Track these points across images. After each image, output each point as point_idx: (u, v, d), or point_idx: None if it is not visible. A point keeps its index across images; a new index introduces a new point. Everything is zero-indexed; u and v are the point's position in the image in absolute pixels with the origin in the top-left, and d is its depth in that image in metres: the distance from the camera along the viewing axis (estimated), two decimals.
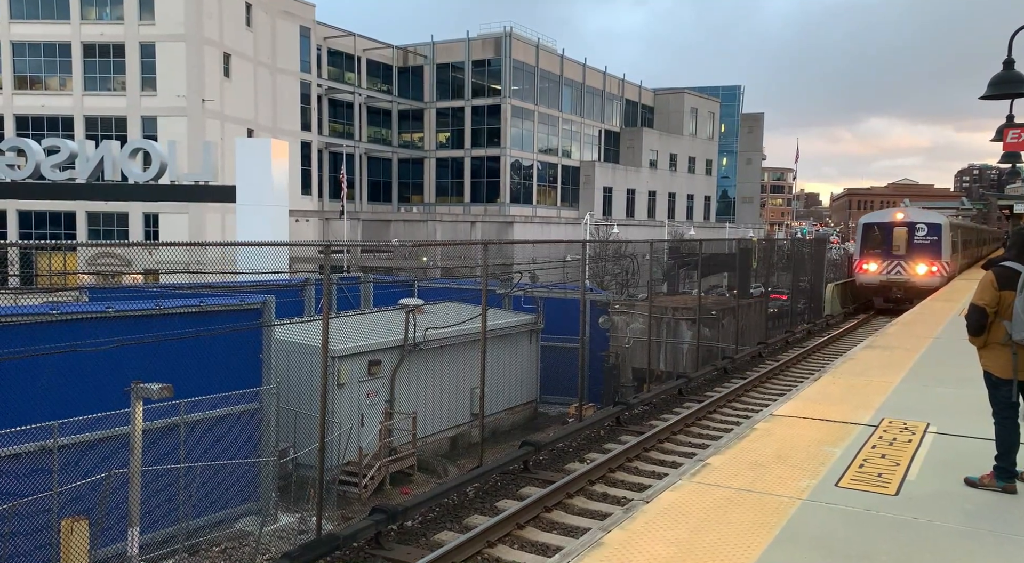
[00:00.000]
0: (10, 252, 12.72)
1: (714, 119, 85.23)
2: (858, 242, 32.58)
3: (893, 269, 30.37)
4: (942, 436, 8.18)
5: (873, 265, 31.02)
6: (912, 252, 29.98)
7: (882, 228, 31.14)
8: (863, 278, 31.76)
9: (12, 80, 45.73)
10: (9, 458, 9.88)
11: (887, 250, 30.58)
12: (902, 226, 30.49)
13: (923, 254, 29.73)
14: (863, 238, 31.90)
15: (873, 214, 34.56)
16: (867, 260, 31.23)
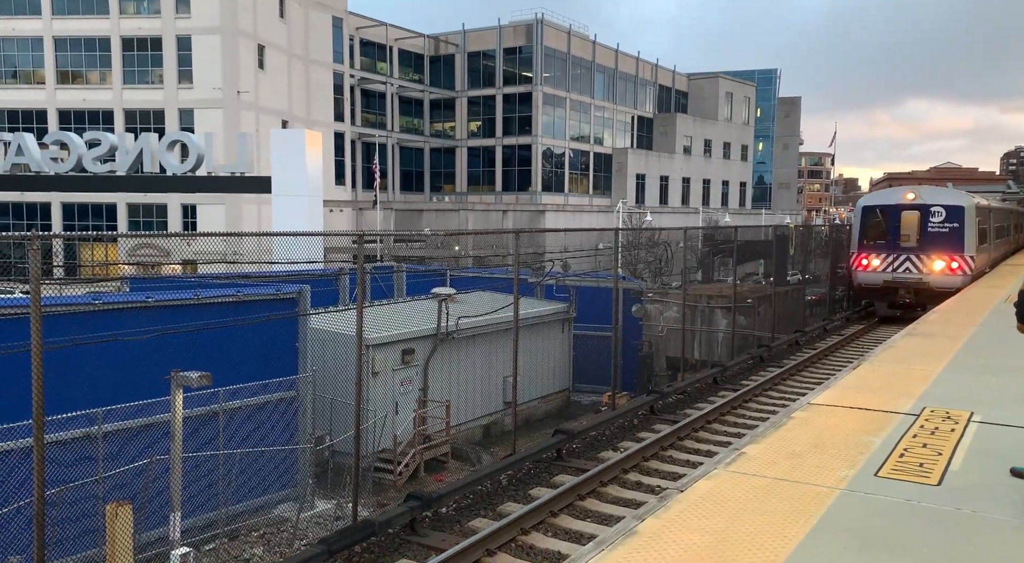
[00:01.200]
0: (54, 243, 12.99)
1: (749, 104, 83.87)
2: (856, 230, 25.64)
3: (901, 265, 24.05)
4: (987, 425, 7.98)
5: (875, 260, 24.62)
6: (926, 243, 23.73)
7: (887, 212, 24.59)
8: (862, 277, 25.09)
9: (55, 75, 46.75)
10: (57, 444, 10.16)
11: (893, 241, 24.25)
12: (912, 209, 23.99)
13: (940, 246, 23.38)
14: (863, 225, 25.23)
15: (875, 194, 28.01)
16: (867, 254, 24.88)
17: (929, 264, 23.76)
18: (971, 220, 23.75)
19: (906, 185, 31.96)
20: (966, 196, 24.85)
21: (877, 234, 24.89)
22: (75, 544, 10.49)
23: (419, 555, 9.88)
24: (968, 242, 23.54)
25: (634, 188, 67.02)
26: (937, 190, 26.19)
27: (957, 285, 22.94)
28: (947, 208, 23.70)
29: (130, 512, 8.46)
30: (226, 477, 12.53)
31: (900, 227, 24.22)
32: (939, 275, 23.53)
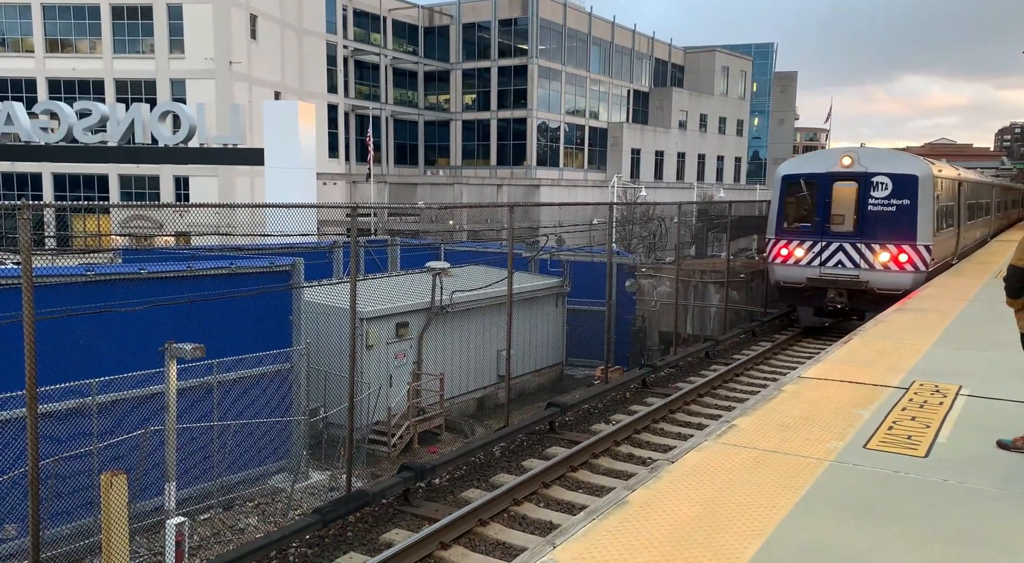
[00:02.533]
0: (46, 214, 12.95)
1: (746, 78, 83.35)
2: (774, 208, 19.73)
3: (831, 257, 18.44)
4: (975, 399, 8.07)
5: (798, 250, 18.84)
6: (866, 227, 18.06)
7: (814, 184, 18.81)
8: (781, 272, 19.30)
9: (44, 43, 46.06)
10: (51, 415, 10.18)
11: (822, 223, 18.55)
12: (848, 180, 18.25)
13: (885, 231, 17.86)
14: (782, 202, 19.40)
15: (800, 159, 21.34)
16: (787, 241, 19.08)
17: (869, 256, 18.01)
18: (928, 195, 17.75)
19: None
20: (921, 163, 18.49)
21: (801, 214, 18.98)
22: (71, 514, 10.56)
23: (413, 525, 9.99)
24: (923, 225, 17.64)
25: (629, 163, 66.78)
26: (882, 153, 19.44)
27: (907, 285, 17.37)
28: (895, 179, 17.75)
29: (125, 482, 8.51)
30: (221, 448, 12.59)
31: (831, 204, 18.38)
32: (883, 272, 17.83)
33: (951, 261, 21.29)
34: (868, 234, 18.09)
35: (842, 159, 18.48)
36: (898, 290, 17.34)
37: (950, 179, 20.99)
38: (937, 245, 18.54)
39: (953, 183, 21.41)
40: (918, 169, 18.10)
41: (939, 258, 19.16)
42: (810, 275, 18.84)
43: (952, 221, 21.18)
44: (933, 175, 18.12)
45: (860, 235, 18.18)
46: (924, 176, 17.90)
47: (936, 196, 18.26)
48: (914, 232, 17.73)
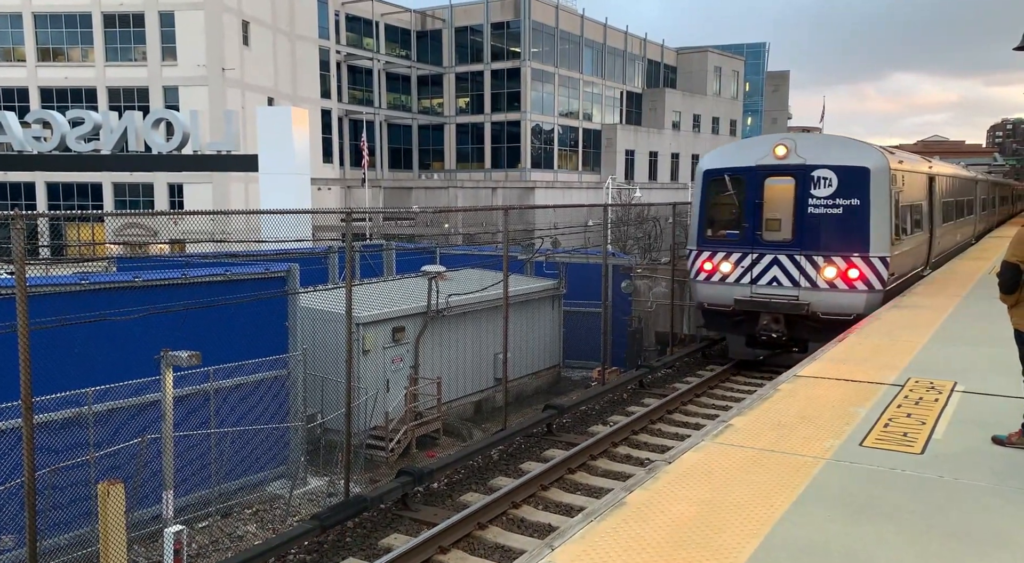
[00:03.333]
0: (40, 223, 12.93)
1: (738, 78, 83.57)
2: (695, 212, 16.42)
3: (763, 273, 15.14)
4: (969, 395, 8.09)
5: (724, 264, 15.55)
6: (806, 234, 14.77)
7: (742, 181, 15.39)
8: (704, 291, 16.00)
9: (36, 52, 45.98)
10: (47, 425, 10.15)
11: (752, 231, 15.23)
12: (783, 175, 14.95)
13: (831, 238, 14.61)
14: (705, 203, 16.05)
15: (726, 149, 16.63)
16: (711, 253, 15.79)
17: (811, 271, 14.63)
18: (883, 193, 14.34)
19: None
20: (873, 152, 14.82)
21: (727, 219, 15.63)
22: (68, 524, 10.53)
23: (411, 529, 9.98)
24: (878, 231, 14.30)
25: (623, 164, 66.88)
26: (826, 141, 15.95)
27: (858, 308, 14.22)
28: (841, 172, 14.42)
29: (122, 491, 8.49)
30: (219, 456, 12.57)
31: (763, 206, 15.06)
32: (828, 291, 14.51)
33: (922, 271, 18.01)
34: (809, 243, 14.61)
35: (775, 148, 14.78)
36: (847, 315, 13.96)
37: (917, 173, 17.32)
38: (899, 256, 15.05)
39: (921, 178, 17.81)
40: (870, 160, 14.45)
41: (902, 271, 15.71)
42: (739, 296, 15.17)
43: (922, 224, 17.67)
44: (890, 168, 14.49)
45: (799, 245, 14.70)
46: (877, 169, 14.29)
47: (895, 194, 14.79)
48: (866, 240, 14.22)
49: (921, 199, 17.74)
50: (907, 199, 16.17)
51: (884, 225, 14.40)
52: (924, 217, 18.06)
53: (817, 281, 14.66)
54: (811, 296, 14.70)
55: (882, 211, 14.38)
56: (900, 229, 15.41)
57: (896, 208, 14.98)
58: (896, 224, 14.99)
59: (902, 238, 15.52)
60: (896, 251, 14.88)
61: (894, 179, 14.89)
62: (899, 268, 15.36)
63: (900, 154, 17.23)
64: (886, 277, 14.42)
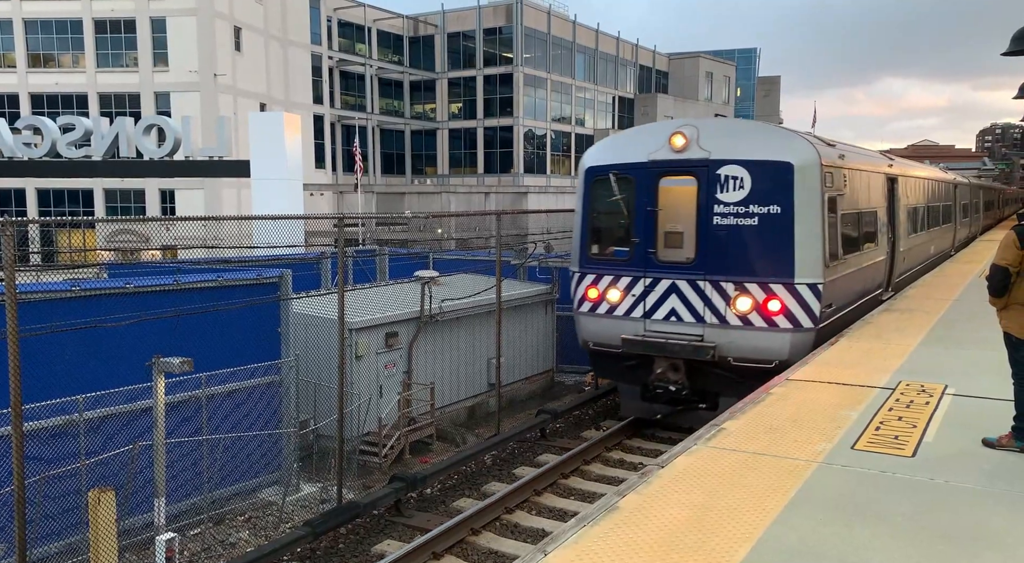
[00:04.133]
0: (30, 230, 12.85)
1: (730, 83, 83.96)
2: (578, 221, 13.04)
3: (658, 305, 11.94)
4: (960, 398, 8.13)
5: (611, 290, 12.36)
6: (713, 253, 11.57)
7: (630, 182, 12.19)
8: (588, 326, 12.77)
9: (26, 58, 45.83)
10: (38, 432, 10.09)
11: (645, 246, 12.04)
12: (682, 173, 11.79)
13: (745, 259, 11.44)
14: (587, 210, 12.83)
15: (614, 140, 13.36)
16: (596, 274, 12.57)
17: (719, 303, 11.37)
18: (813, 197, 11.07)
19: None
20: (799, 143, 11.51)
21: (616, 232, 12.42)
22: (59, 533, 10.46)
23: (404, 535, 9.96)
24: (806, 249, 11.03)
25: None
26: (737, 129, 12.58)
27: (781, 353, 11.03)
28: (755, 170, 11.09)
29: (113, 499, 8.45)
30: (211, 463, 12.51)
31: (658, 215, 11.78)
32: (741, 329, 11.26)
33: (880, 295, 14.97)
34: (716, 266, 11.24)
35: (671, 138, 11.42)
36: (768, 362, 10.82)
37: (868, 172, 13.99)
38: (839, 281, 11.80)
39: (875, 179, 14.52)
40: (794, 153, 11.01)
41: (845, 300, 12.43)
42: (628, 333, 11.78)
43: (876, 237, 14.43)
44: (822, 163, 11.10)
45: (704, 267, 11.29)
46: (805, 165, 10.89)
47: (832, 198, 11.47)
48: (790, 261, 10.87)
49: (876, 205, 14.48)
50: (852, 205, 12.73)
51: (814, 241, 10.94)
52: (881, 228, 14.81)
53: (727, 316, 11.19)
54: (719, 336, 11.21)
55: (811, 222, 10.90)
56: (840, 245, 11.94)
57: (833, 217, 11.53)
58: (833, 239, 11.55)
59: (844, 257, 12.10)
60: (834, 275, 11.51)
61: (829, 178, 11.40)
62: (840, 296, 11.98)
63: (843, 147, 13.46)
64: (818, 311, 10.90)
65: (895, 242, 16.03)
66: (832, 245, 11.61)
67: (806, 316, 11.07)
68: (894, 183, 16.12)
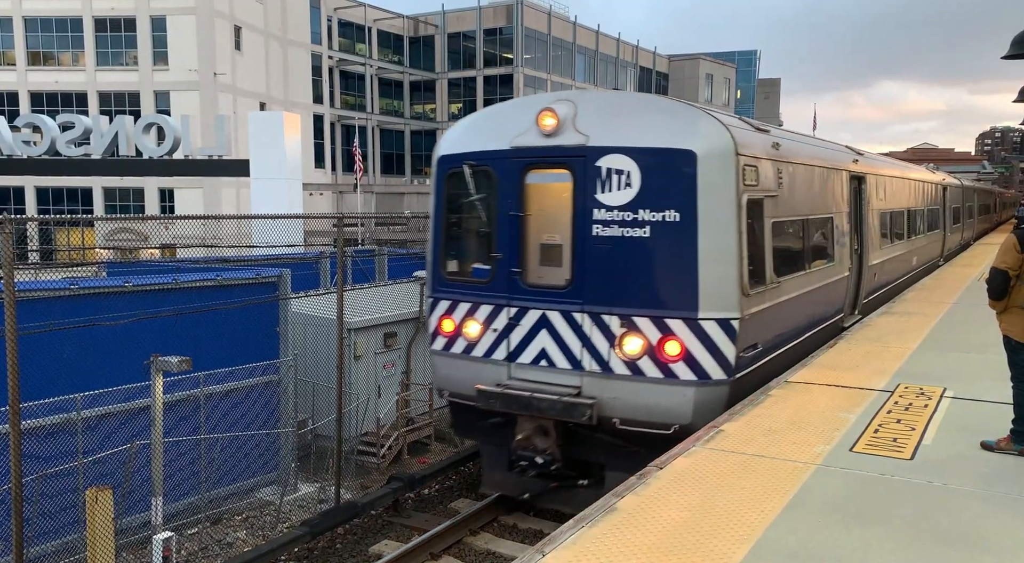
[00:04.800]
0: (29, 228, 12.87)
1: (730, 85, 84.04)
2: (432, 228, 9.98)
3: (527, 343, 8.88)
4: (959, 401, 8.13)
5: (470, 323, 9.30)
6: (593, 274, 8.49)
7: (490, 176, 9.13)
8: (443, 368, 9.76)
9: (26, 56, 45.82)
10: (35, 431, 10.08)
11: (509, 264, 8.94)
12: (554, 165, 8.73)
13: (635, 283, 8.35)
14: (441, 216, 9.80)
15: (480, 119, 9.97)
16: (451, 300, 9.51)
17: (601, 343, 8.56)
18: (725, 198, 8.25)
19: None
20: (706, 123, 8.43)
21: (473, 245, 9.77)
22: (56, 531, 10.44)
23: (402, 535, 9.95)
24: (716, 271, 8.24)
25: None
26: (626, 104, 9.21)
27: (683, 415, 8.29)
28: (646, 160, 8.29)
29: (110, 497, 8.44)
30: (209, 462, 12.50)
31: (524, 222, 8.98)
32: (629, 380, 8.45)
33: (842, 321, 12.51)
34: (597, 292, 8.45)
35: (540, 118, 8.62)
36: (664, 426, 8.12)
37: (818, 167, 11.08)
38: (771, 312, 9.05)
39: (831, 176, 11.74)
40: (698, 138, 8.16)
41: (783, 335, 9.72)
42: (486, 382, 8.91)
43: (832, 250, 11.74)
44: (738, 154, 8.25)
45: (581, 294, 8.51)
46: (712, 154, 8.11)
47: (755, 202, 8.67)
48: (692, 288, 8.12)
49: (833, 210, 11.79)
50: (792, 210, 9.94)
51: (726, 260, 8.11)
52: (841, 239, 12.10)
53: (611, 361, 8.34)
54: (601, 388, 8.36)
55: (722, 234, 8.09)
56: (771, 264, 9.06)
57: (757, 227, 8.74)
58: (758, 256, 8.73)
59: (776, 281, 9.22)
60: (759, 305, 8.65)
61: (752, 174, 8.55)
62: (771, 333, 9.21)
63: (784, 134, 10.68)
64: (732, 356, 8.15)
65: (863, 255, 13.43)
66: (756, 265, 8.64)
67: (715, 363, 8.12)
68: (861, 183, 13.41)
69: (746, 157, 8.48)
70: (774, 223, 9.28)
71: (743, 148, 8.46)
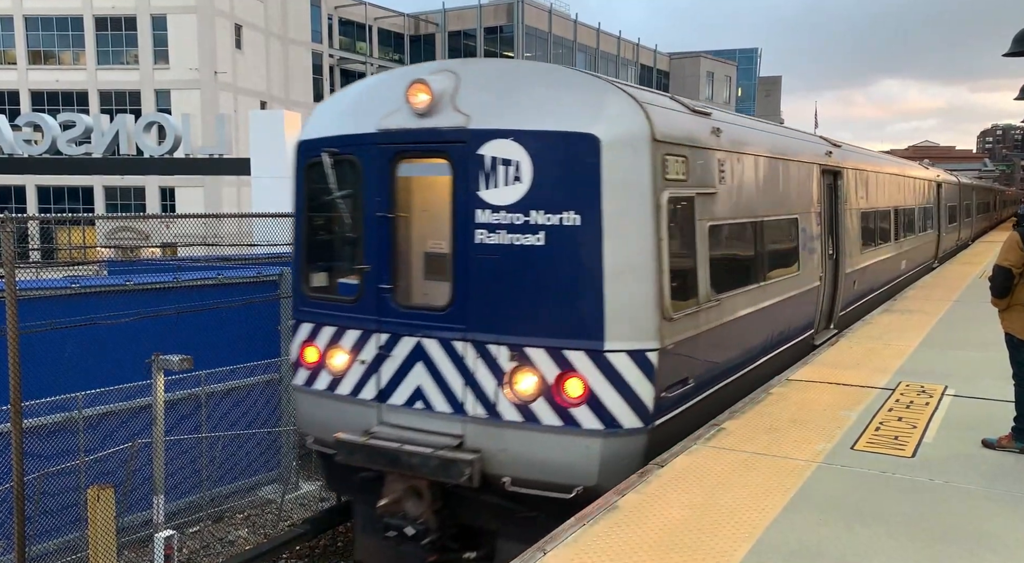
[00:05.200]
0: (30, 226, 12.97)
1: (731, 83, 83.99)
2: (296, 236, 8.02)
3: (399, 379, 7.04)
4: (960, 399, 8.14)
5: (335, 353, 7.42)
6: (477, 294, 6.68)
7: (354, 166, 7.28)
8: (306, 406, 7.92)
9: (27, 55, 45.84)
10: (37, 429, 10.09)
11: (376, 279, 7.13)
12: (432, 154, 6.92)
13: (526, 307, 6.55)
14: (304, 215, 7.90)
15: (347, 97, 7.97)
16: (314, 323, 7.61)
17: (487, 381, 6.69)
18: (638, 194, 6.45)
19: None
20: (617, 101, 6.59)
21: (339, 253, 8.00)
22: (58, 530, 10.46)
23: None
24: (624, 290, 6.40)
25: None
26: (515, 75, 7.23)
27: (588, 475, 6.39)
28: (537, 146, 6.43)
29: (112, 496, 8.45)
30: (210, 460, 12.52)
31: (394, 226, 7.15)
32: (522, 429, 6.54)
33: (811, 338, 11.04)
34: (482, 315, 6.79)
35: (411, 93, 6.93)
36: (565, 489, 6.39)
37: (776, 159, 9.53)
38: (705, 339, 7.43)
39: (794, 170, 10.23)
40: (603, 119, 6.50)
41: (726, 364, 8.14)
42: (352, 426, 7.26)
43: (797, 257, 10.25)
44: (654, 139, 6.60)
45: (464, 317, 6.85)
46: (620, 140, 6.47)
47: (682, 202, 7.13)
48: (597, 311, 6.44)
49: (799, 209, 10.28)
50: (739, 209, 8.34)
51: (641, 275, 6.48)
52: (809, 244, 10.67)
53: (499, 404, 6.66)
54: (488, 438, 6.69)
55: (634, 241, 6.46)
56: (705, 279, 7.43)
57: (684, 231, 7.14)
58: (689, 268, 7.22)
59: (713, 298, 7.53)
60: (690, 330, 7.06)
61: (677, 164, 6.93)
62: (708, 363, 7.59)
63: (725, 117, 8.75)
64: (650, 398, 6.48)
65: (839, 261, 12.12)
66: (684, 279, 7.12)
67: (627, 407, 6.40)
68: (837, 178, 12.13)
69: (669, 144, 6.84)
70: (713, 227, 7.63)
71: (664, 133, 6.76)
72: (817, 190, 11.21)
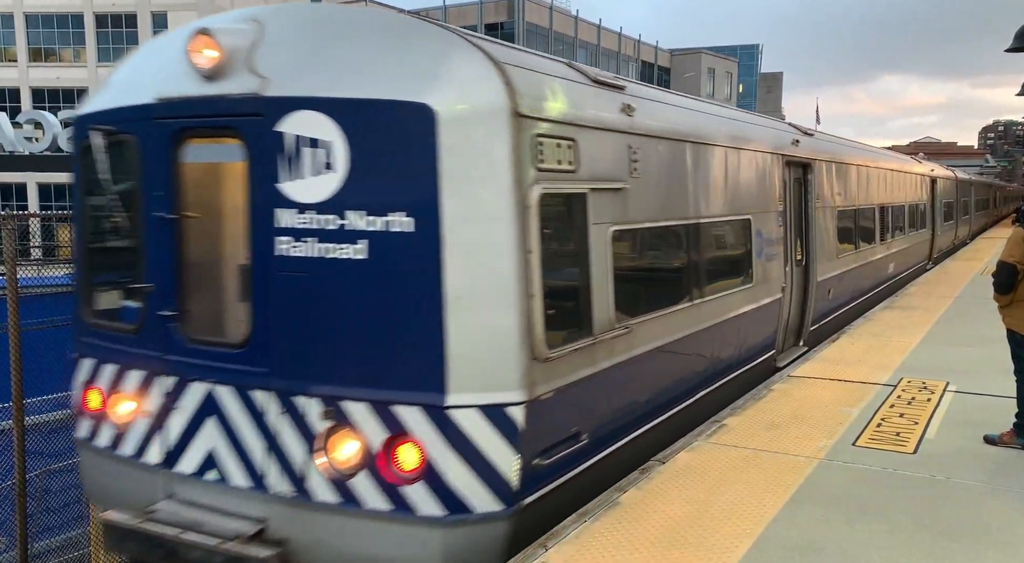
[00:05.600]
0: (31, 224, 12.98)
1: (732, 79, 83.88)
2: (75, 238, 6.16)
3: (189, 438, 5.22)
4: (961, 395, 8.14)
5: (121, 402, 5.53)
6: (281, 324, 4.87)
7: (135, 149, 5.34)
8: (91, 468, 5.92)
9: (27, 52, 45.83)
10: (39, 427, 10.10)
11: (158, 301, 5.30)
12: (220, 130, 5.04)
13: (343, 344, 4.74)
14: (83, 209, 5.91)
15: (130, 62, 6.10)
16: (97, 362, 5.71)
17: (296, 446, 4.87)
18: (495, 188, 4.63)
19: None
20: (461, 57, 4.77)
21: (120, 265, 5.87)
22: (60, 527, 10.48)
23: None
24: (474, 320, 4.62)
25: None
26: (331, 22, 5.13)
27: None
28: (353, 120, 4.59)
29: None
30: None
31: (178, 230, 5.28)
32: (338, 513, 4.78)
33: (772, 359, 9.64)
34: (287, 354, 4.91)
35: (194, 47, 5.03)
36: None
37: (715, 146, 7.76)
38: (598, 381, 5.61)
39: (746, 160, 8.62)
40: (437, 85, 4.60)
41: (633, 412, 6.32)
42: (135, 498, 5.47)
43: (751, 265, 8.69)
44: (513, 110, 4.70)
45: (265, 357, 4.96)
46: (468, 113, 4.60)
47: (566, 198, 5.38)
48: (435, 349, 4.60)
49: (752, 208, 8.69)
50: (659, 209, 6.63)
51: (498, 300, 4.73)
52: (767, 249, 9.14)
53: (310, 479, 4.93)
54: (296, 524, 4.99)
55: (488, 254, 4.73)
56: (609, 298, 5.78)
57: (576, 237, 5.56)
58: (581, 288, 5.60)
59: (618, 325, 5.89)
60: (578, 371, 5.40)
61: (557, 149, 5.21)
62: (612, 408, 5.98)
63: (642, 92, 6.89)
64: (514, 470, 4.79)
65: (809, 268, 10.71)
66: (568, 305, 5.54)
67: (480, 484, 4.75)
68: (807, 172, 10.64)
69: (544, 122, 5.06)
70: (620, 233, 5.94)
71: (535, 106, 4.99)
72: (779, 185, 9.52)
